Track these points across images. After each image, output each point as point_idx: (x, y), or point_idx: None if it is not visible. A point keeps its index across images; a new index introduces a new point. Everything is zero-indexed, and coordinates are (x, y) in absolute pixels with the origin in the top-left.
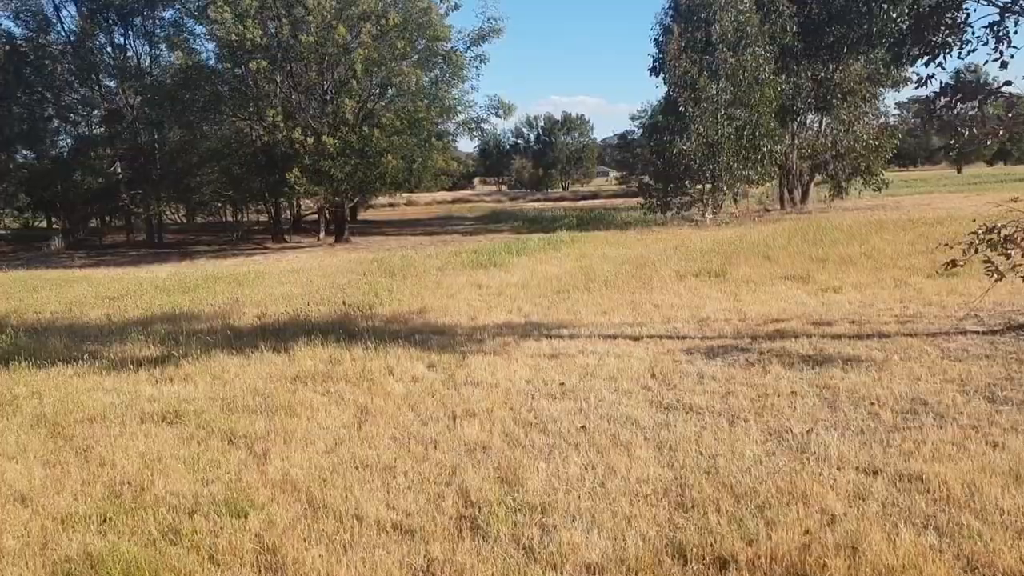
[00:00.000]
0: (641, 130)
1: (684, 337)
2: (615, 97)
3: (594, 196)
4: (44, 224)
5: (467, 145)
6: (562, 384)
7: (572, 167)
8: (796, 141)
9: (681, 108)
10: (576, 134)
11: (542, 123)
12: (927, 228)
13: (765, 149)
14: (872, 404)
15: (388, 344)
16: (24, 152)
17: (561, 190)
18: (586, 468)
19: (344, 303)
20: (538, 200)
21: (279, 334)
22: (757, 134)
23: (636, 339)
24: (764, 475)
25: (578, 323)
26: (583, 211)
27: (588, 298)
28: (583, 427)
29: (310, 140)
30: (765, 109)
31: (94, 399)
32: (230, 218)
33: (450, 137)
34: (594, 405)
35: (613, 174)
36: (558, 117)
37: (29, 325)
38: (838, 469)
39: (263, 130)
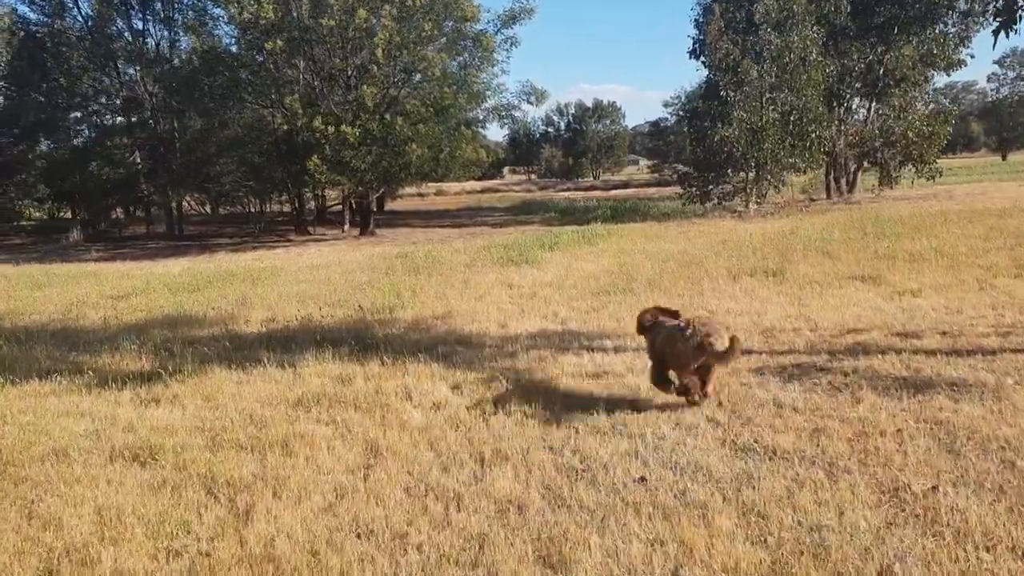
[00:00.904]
0: (675, 117)
1: (749, 352)
2: (644, 85)
3: (625, 185)
4: (70, 215)
5: (496, 134)
6: (610, 414)
7: (603, 156)
8: (844, 127)
9: (722, 92)
10: (607, 121)
11: (572, 111)
12: (996, 220)
13: (813, 135)
14: (1002, 448)
15: (407, 358)
16: (44, 142)
17: (592, 179)
18: (653, 545)
19: (360, 307)
20: (568, 190)
21: (286, 344)
22: (804, 119)
23: None
24: (891, 558)
25: (623, 332)
26: (616, 201)
27: (632, 302)
28: (642, 478)
29: (331, 129)
30: (812, 93)
31: (63, 427)
32: (255, 209)
33: (479, 125)
34: (652, 445)
35: (643, 162)
36: (588, 105)
37: (21, 329)
38: (987, 551)
39: (282, 118)
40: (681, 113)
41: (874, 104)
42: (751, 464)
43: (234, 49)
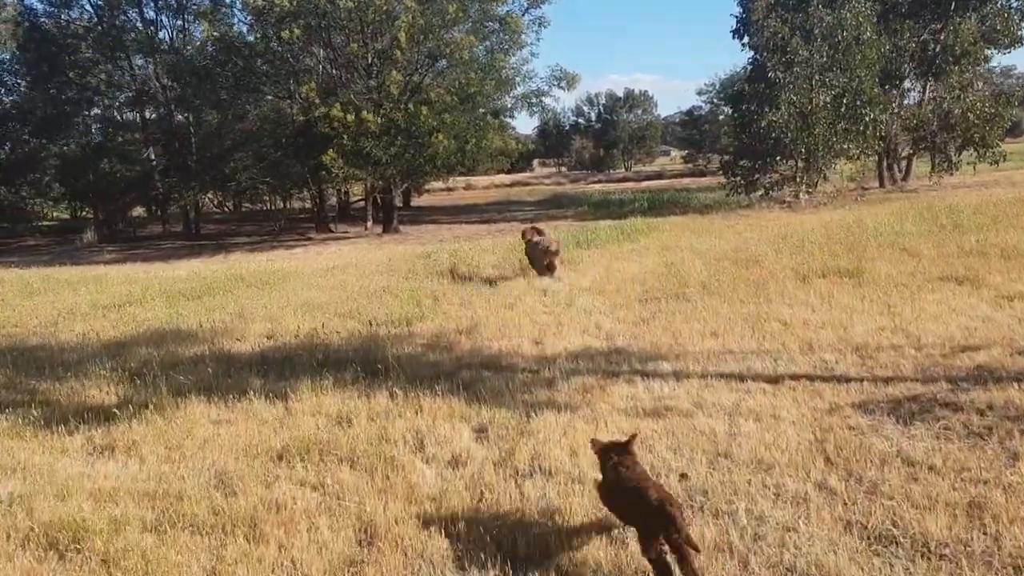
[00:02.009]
0: (709, 105)
1: (844, 379)
2: (672, 74)
3: (659, 176)
4: (90, 215)
5: (525, 126)
6: (683, 476)
7: (635, 146)
8: (899, 110)
9: (770, 74)
10: (639, 111)
11: (603, 100)
12: None
13: (868, 119)
14: None
15: (422, 388)
16: (59, 139)
17: (623, 170)
18: None
19: (371, 322)
20: (600, 182)
21: (282, 367)
22: (858, 102)
23: (774, 381)
24: None
25: (681, 351)
26: (652, 193)
27: (686, 311)
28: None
29: (351, 118)
30: (866, 73)
31: None
32: (280, 206)
33: (507, 113)
34: (750, 532)
35: (675, 152)
36: (619, 94)
37: None
38: None
39: (298, 109)
40: (716, 101)
41: (929, 85)
42: (898, 567)
43: (249, 38)
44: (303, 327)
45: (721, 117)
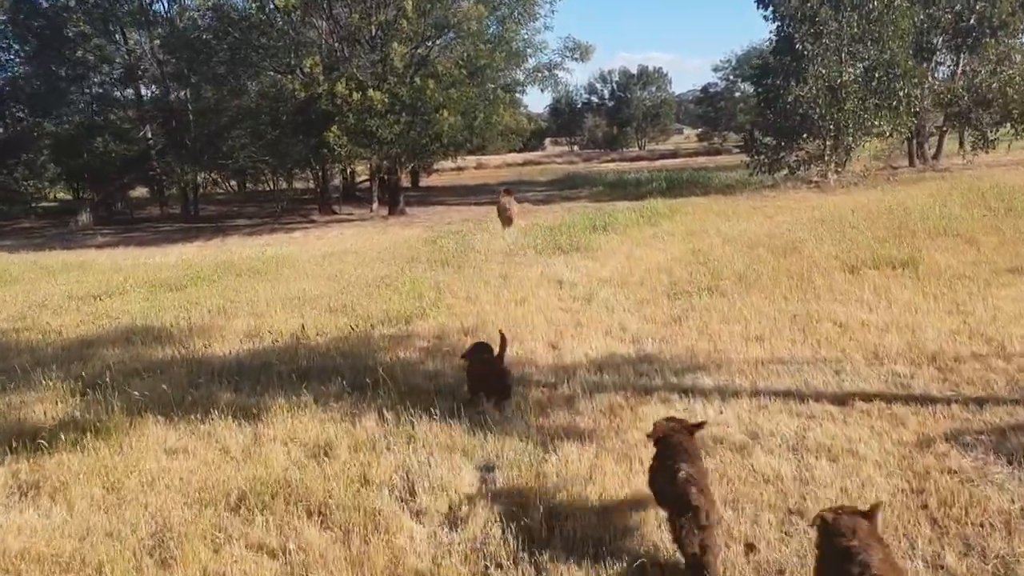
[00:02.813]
0: (725, 82)
1: (926, 399)
2: (689, 51)
3: (673, 155)
4: (93, 196)
5: (537, 104)
6: (750, 548)
7: (648, 124)
8: (932, 85)
9: (798, 45)
10: (653, 88)
11: (616, 78)
12: None
13: (901, 93)
14: None
15: (417, 409)
16: (52, 117)
17: (637, 149)
18: None
19: (352, 328)
20: (613, 160)
21: (259, 377)
22: (891, 75)
23: (841, 401)
24: None
25: (723, 359)
26: (669, 172)
27: (723, 309)
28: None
29: (355, 95)
30: (899, 45)
31: None
32: (283, 186)
33: (519, 89)
34: None
35: (687, 131)
36: (633, 71)
37: None
38: None
39: (299, 85)
40: (732, 77)
41: (963, 57)
42: None
43: (243, 6)
44: (289, 326)
45: (737, 94)
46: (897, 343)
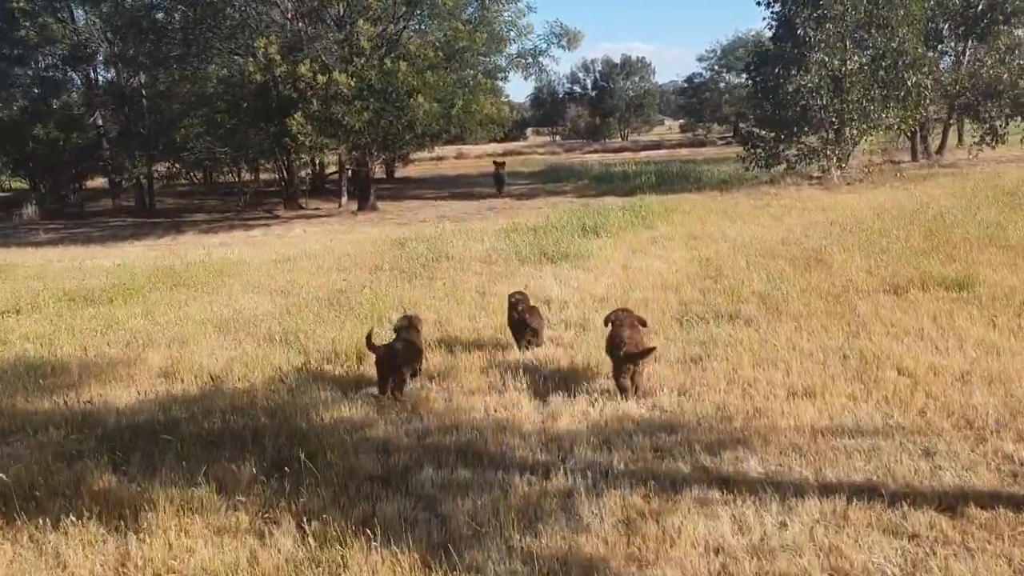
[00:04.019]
0: (709, 73)
1: None
2: (670, 42)
3: (657, 146)
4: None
5: (518, 93)
6: None
7: (631, 115)
8: (939, 75)
9: (799, 31)
10: (636, 78)
11: (599, 67)
12: None
13: (910, 83)
14: None
15: (356, 511)
16: None
17: (620, 140)
18: None
19: (306, 358)
20: (596, 152)
21: (150, 448)
22: (899, 64)
23: (948, 508)
24: None
25: (767, 427)
26: (655, 164)
27: (752, 344)
28: None
29: (321, 78)
30: (909, 32)
31: None
32: (248, 178)
33: (501, 75)
34: None
35: (669, 121)
36: (616, 61)
37: None
38: None
39: (254, 67)
40: (717, 67)
41: (971, 46)
42: None
43: None
44: (214, 361)
45: (723, 85)
46: (988, 401)
